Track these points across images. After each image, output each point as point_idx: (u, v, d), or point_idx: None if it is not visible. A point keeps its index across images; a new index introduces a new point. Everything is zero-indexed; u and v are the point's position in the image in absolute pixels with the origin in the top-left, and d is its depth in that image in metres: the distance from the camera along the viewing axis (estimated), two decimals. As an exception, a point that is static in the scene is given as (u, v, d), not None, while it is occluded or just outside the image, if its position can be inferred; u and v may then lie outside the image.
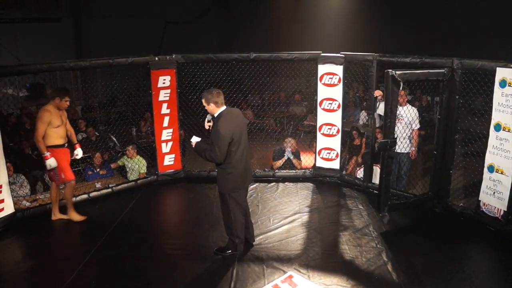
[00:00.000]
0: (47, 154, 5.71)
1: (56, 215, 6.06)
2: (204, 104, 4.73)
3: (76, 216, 6.02)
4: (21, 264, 5.08)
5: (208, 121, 4.88)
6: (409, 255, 5.01)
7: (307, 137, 9.61)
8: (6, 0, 12.58)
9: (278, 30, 14.22)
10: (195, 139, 4.81)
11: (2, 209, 5.76)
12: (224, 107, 4.73)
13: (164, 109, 6.98)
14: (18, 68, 6.11)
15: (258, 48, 7.50)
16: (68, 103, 5.80)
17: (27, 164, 7.42)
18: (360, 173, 7.03)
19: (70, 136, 6.07)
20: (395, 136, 5.70)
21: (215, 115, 4.71)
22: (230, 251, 5.01)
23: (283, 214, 6.04)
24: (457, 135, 5.86)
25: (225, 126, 4.59)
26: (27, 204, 6.35)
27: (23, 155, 7.80)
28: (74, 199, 6.34)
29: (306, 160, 7.56)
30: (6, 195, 5.81)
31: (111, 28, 13.77)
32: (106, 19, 13.80)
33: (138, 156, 7.59)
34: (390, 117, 5.52)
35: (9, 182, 5.91)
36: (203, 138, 4.85)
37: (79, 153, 6.12)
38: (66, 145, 5.94)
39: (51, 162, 5.74)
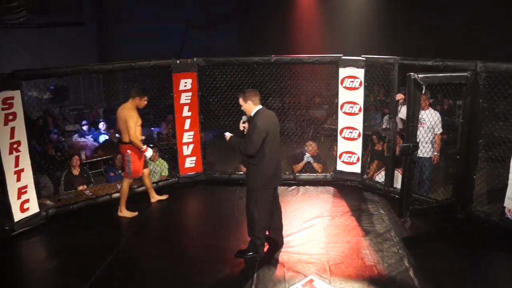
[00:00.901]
0: (144, 147, 6.06)
1: (123, 212, 6.24)
2: (241, 103, 4.86)
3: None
4: (45, 263, 5.18)
5: (243, 122, 4.96)
6: (432, 261, 4.94)
7: (327, 140, 9.57)
8: (31, 6, 12.84)
9: (298, 34, 14.20)
10: (228, 134, 4.96)
11: (28, 208, 5.89)
12: (260, 106, 4.85)
13: (186, 112, 7.04)
14: (44, 71, 6.23)
15: (279, 51, 7.52)
16: (146, 102, 6.07)
17: (50, 165, 7.54)
18: (379, 177, 6.96)
19: None
20: (417, 140, 5.64)
21: (252, 114, 4.81)
22: (251, 253, 5.01)
23: (304, 218, 6.02)
24: (481, 139, 5.76)
25: (262, 122, 4.71)
26: (51, 204, 6.46)
27: (47, 156, 7.94)
28: (97, 200, 6.46)
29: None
30: (31, 195, 5.95)
31: (132, 32, 13.95)
32: (127, 23, 13.99)
33: (160, 159, 7.65)
34: (412, 121, 5.46)
35: (34, 182, 6.04)
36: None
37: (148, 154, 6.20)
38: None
39: (148, 153, 6.13)
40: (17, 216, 5.78)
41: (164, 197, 6.70)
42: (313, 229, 5.70)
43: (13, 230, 5.75)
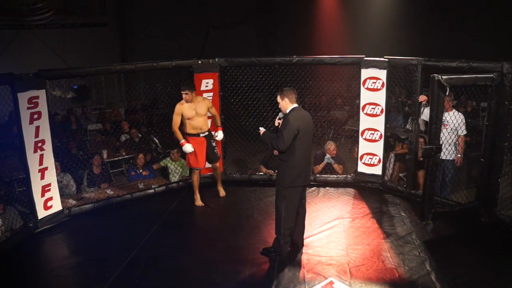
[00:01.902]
0: (182, 141, 6.35)
1: (198, 201, 6.62)
2: (279, 100, 4.97)
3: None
4: (68, 260, 5.25)
5: (279, 119, 5.04)
6: (454, 265, 4.86)
7: (348, 142, 9.51)
8: (56, 7, 13.08)
9: (319, 34, 14.13)
10: (262, 129, 5.09)
11: (51, 206, 6.00)
12: (296, 105, 4.92)
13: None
14: (68, 71, 6.33)
15: (299, 51, 7.49)
16: (184, 94, 6.23)
17: (73, 163, 7.64)
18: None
19: (214, 119, 6.64)
20: (440, 142, 5.56)
21: (287, 111, 4.88)
22: (275, 252, 5.03)
23: (324, 219, 6.00)
24: (506, 142, 5.66)
25: (294, 119, 4.80)
26: (73, 202, 6.55)
27: (69, 154, 8.05)
28: (118, 199, 6.53)
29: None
30: (55, 193, 6.07)
31: (154, 33, 14.06)
32: (149, 23, 14.10)
33: (182, 159, 7.69)
34: (436, 123, 5.39)
35: (57, 180, 6.15)
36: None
37: (218, 135, 6.58)
38: (202, 134, 6.44)
39: (185, 148, 6.38)
40: (41, 213, 5.89)
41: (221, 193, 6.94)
42: (334, 231, 5.67)
43: (37, 227, 5.86)
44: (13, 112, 5.67)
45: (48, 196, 5.96)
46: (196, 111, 6.32)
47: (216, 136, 6.58)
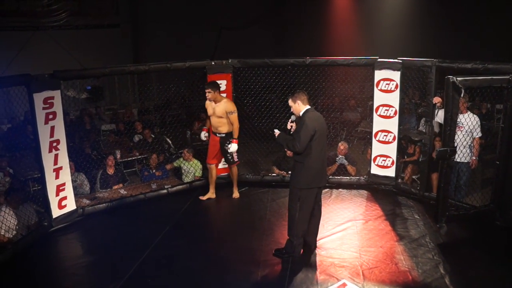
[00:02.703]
0: (204, 127, 6.93)
1: (207, 194, 6.87)
2: (291, 104, 4.98)
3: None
4: (82, 259, 5.30)
5: (292, 122, 5.05)
6: (468, 269, 4.82)
7: (361, 143, 9.47)
8: (70, 9, 13.21)
9: (332, 35, 14.08)
10: (277, 131, 5.09)
11: (65, 205, 6.06)
12: (309, 107, 4.93)
13: (220, 113, 7.07)
14: (83, 72, 6.38)
15: (312, 53, 7.47)
16: (207, 93, 6.41)
17: (87, 163, 7.70)
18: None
19: (233, 130, 6.60)
20: (455, 144, 5.51)
21: (301, 113, 4.89)
22: (288, 253, 5.02)
23: (337, 221, 5.98)
24: (522, 145, 5.60)
25: (310, 120, 4.82)
26: (87, 201, 6.60)
27: (83, 154, 8.11)
28: (131, 199, 6.59)
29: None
30: (69, 192, 6.12)
31: (166, 34, 14.12)
32: (161, 24, 14.17)
33: (195, 159, 7.71)
34: (450, 125, 5.34)
35: (71, 180, 6.21)
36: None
37: (231, 146, 6.57)
38: (218, 135, 6.61)
39: (201, 135, 6.93)
40: (55, 212, 5.95)
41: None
42: (346, 233, 5.65)
43: (51, 226, 5.92)
44: (28, 112, 5.74)
45: (62, 196, 6.02)
46: (214, 111, 6.48)
47: (229, 147, 6.59)
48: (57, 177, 5.92)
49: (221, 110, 6.45)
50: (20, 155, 8.15)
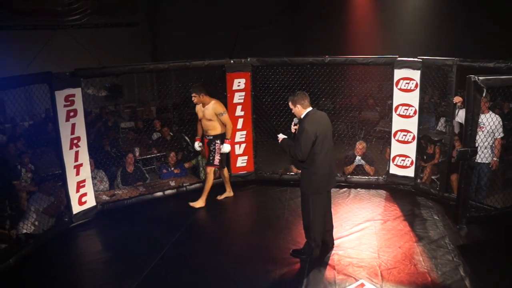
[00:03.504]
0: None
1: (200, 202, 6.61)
2: (291, 107, 4.85)
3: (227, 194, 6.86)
4: (101, 254, 5.38)
5: (295, 125, 4.93)
6: (489, 272, 4.74)
7: (379, 143, 9.40)
8: (90, 8, 13.38)
9: (350, 34, 14.00)
10: (281, 135, 4.94)
11: (85, 202, 6.15)
12: (310, 109, 4.81)
13: (239, 111, 7.10)
14: (103, 70, 6.45)
15: (330, 51, 7.44)
16: (192, 98, 6.37)
17: (106, 160, 7.79)
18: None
19: (226, 130, 6.46)
20: (476, 145, 5.44)
21: (302, 116, 4.77)
22: (305, 255, 5.00)
23: (355, 221, 5.95)
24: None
25: (310, 125, 4.66)
26: (106, 198, 6.68)
27: (103, 151, 8.20)
28: (149, 196, 6.66)
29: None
30: (89, 189, 6.21)
31: (184, 32, 14.19)
32: (179, 23, 14.24)
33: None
34: (471, 125, 5.26)
35: (91, 177, 6.29)
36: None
37: (223, 147, 6.42)
38: (208, 137, 6.47)
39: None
40: (76, 208, 6.04)
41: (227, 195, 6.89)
42: (365, 233, 5.62)
43: (72, 221, 6.01)
44: (49, 110, 5.82)
45: (82, 192, 6.10)
46: (204, 114, 6.38)
47: (221, 148, 6.43)
48: (77, 173, 6.01)
49: (210, 113, 6.32)
50: (41, 152, 8.29)
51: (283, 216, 6.16)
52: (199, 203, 6.50)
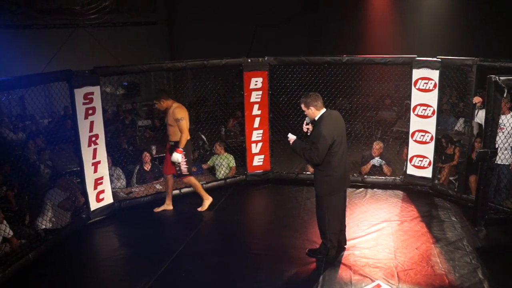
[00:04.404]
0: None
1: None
2: (304, 109, 4.74)
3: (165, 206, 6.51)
4: (117, 251, 5.44)
5: (307, 124, 4.86)
6: (508, 275, 4.66)
7: (396, 143, 9.33)
8: (108, 6, 13.53)
9: (367, 33, 13.91)
10: (292, 136, 4.81)
11: (103, 199, 6.21)
12: (324, 110, 4.72)
13: (255, 110, 7.10)
14: (122, 68, 6.50)
15: (347, 51, 7.40)
16: (156, 106, 6.25)
17: (124, 158, 7.86)
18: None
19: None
20: (496, 146, 5.36)
21: (316, 118, 4.69)
22: (321, 255, 4.98)
23: (372, 221, 5.90)
24: None
25: (327, 129, 4.57)
26: (124, 195, 6.74)
27: (120, 149, 8.28)
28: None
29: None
30: (106, 186, 6.27)
31: (202, 31, 14.25)
32: (197, 22, 14.30)
33: (226, 153, 7.77)
34: (492, 126, 5.18)
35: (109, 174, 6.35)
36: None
37: (173, 156, 6.02)
38: (169, 142, 6.20)
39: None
40: (93, 205, 6.11)
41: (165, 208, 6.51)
42: (381, 233, 5.57)
43: (89, 218, 6.08)
44: (68, 107, 5.88)
45: (100, 189, 6.16)
46: (168, 119, 6.12)
47: (171, 157, 6.06)
48: (95, 171, 6.07)
49: (169, 118, 6.05)
50: (59, 149, 8.41)
51: (299, 216, 6.15)
52: (206, 204, 6.38)
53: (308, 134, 4.84)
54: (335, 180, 4.72)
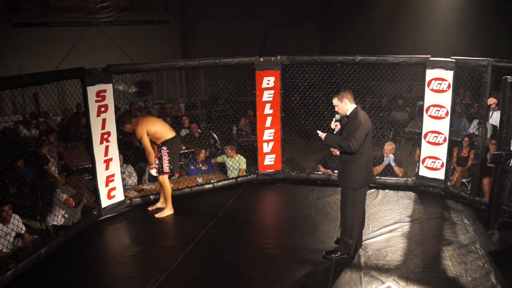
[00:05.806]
0: None
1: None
2: (336, 102, 4.83)
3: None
4: (129, 248, 5.46)
5: (336, 121, 4.91)
6: (523, 279, 4.60)
7: (408, 144, 9.26)
8: (121, 5, 13.62)
9: (380, 33, 13.84)
10: (321, 133, 4.89)
11: (114, 196, 6.25)
12: (356, 105, 4.84)
13: (267, 110, 7.08)
14: (134, 66, 6.51)
15: (359, 50, 7.35)
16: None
17: (135, 155, 7.89)
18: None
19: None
20: (511, 148, 5.29)
21: (348, 112, 4.79)
22: (339, 254, 4.94)
23: (383, 222, 5.86)
24: None
25: (364, 119, 4.73)
26: (135, 193, 6.77)
27: (132, 147, 8.32)
28: (177, 192, 6.73)
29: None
30: (118, 183, 6.30)
31: (214, 30, 14.30)
32: (210, 21, 14.36)
33: (238, 155, 7.76)
34: (507, 128, 5.14)
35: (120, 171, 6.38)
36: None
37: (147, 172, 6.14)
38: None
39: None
40: (105, 202, 6.14)
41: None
42: (392, 235, 5.53)
43: (100, 215, 6.11)
44: (81, 104, 5.90)
45: (111, 186, 6.19)
46: None
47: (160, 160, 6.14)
48: (107, 168, 6.10)
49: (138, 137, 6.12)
50: (71, 146, 8.47)
51: (309, 216, 6.12)
52: (165, 212, 6.24)
53: (335, 131, 4.91)
54: (365, 172, 4.81)
